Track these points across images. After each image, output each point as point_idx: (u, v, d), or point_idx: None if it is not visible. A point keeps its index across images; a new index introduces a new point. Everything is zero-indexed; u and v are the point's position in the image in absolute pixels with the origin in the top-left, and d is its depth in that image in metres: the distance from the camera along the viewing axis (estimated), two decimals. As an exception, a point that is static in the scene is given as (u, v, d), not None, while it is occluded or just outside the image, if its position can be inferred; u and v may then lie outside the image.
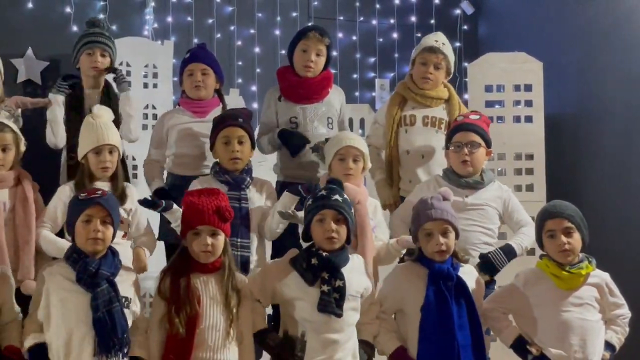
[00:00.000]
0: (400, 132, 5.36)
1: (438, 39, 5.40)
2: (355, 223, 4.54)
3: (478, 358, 4.30)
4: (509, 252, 4.88)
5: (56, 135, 5.35)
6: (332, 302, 4.15)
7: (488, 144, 4.91)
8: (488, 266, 4.66)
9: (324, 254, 4.19)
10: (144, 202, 4.42)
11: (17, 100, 5.26)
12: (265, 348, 4.28)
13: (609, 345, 4.48)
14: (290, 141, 5.22)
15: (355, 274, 4.30)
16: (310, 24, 5.88)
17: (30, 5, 6.18)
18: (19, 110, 5.33)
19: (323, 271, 4.18)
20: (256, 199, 4.83)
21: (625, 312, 4.45)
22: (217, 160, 4.80)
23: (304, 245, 4.60)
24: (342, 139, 4.85)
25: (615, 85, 6.33)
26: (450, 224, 4.33)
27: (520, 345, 4.39)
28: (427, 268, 4.29)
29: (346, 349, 4.26)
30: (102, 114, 4.75)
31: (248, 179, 4.76)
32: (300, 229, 4.60)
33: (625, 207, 6.21)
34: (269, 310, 4.71)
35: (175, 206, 4.42)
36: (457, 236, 4.38)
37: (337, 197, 4.27)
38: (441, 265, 4.29)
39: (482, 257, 4.66)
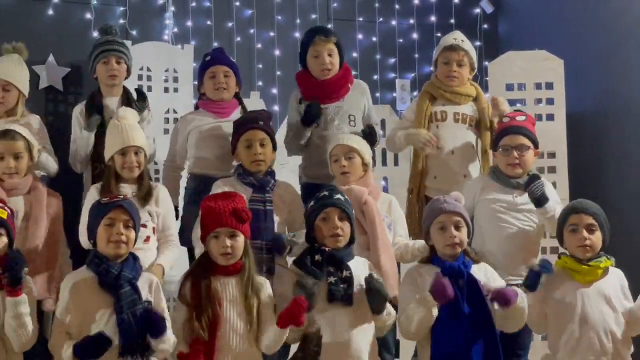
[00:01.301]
0: (432, 127, 5.31)
1: (457, 37, 5.38)
2: (359, 222, 4.61)
3: (491, 355, 4.24)
4: None
5: (81, 162, 5.34)
6: (340, 291, 4.17)
7: (536, 145, 4.91)
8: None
9: (327, 249, 4.23)
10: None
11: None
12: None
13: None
14: (308, 111, 5.20)
15: (361, 267, 4.32)
16: (312, 27, 5.80)
17: (50, 12, 6.16)
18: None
19: (328, 265, 4.21)
20: (279, 201, 4.77)
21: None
22: (239, 162, 4.75)
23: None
24: (332, 140, 4.94)
25: (638, 83, 6.19)
26: (462, 217, 4.29)
27: None
28: (438, 267, 4.24)
29: (360, 341, 4.25)
30: (127, 115, 4.75)
31: (272, 181, 4.74)
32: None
33: None
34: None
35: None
36: (469, 234, 4.35)
37: (339, 196, 4.33)
38: (452, 263, 4.24)
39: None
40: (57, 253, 4.83)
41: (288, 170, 5.71)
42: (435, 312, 4.16)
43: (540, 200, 4.80)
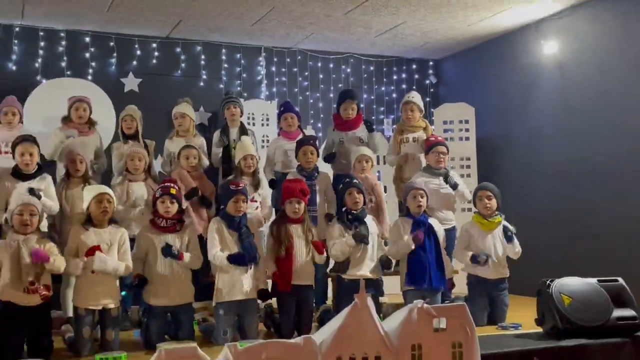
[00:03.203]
0: (402, 147, 5.86)
1: (410, 95, 5.98)
2: (375, 199, 5.22)
3: (439, 271, 4.81)
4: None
5: (218, 163, 5.86)
6: (363, 232, 4.75)
7: (448, 151, 5.60)
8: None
9: (354, 211, 4.84)
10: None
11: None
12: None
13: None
14: (330, 157, 5.76)
15: (371, 222, 4.92)
16: (345, 90, 6.18)
17: (202, 84, 7.17)
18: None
19: (355, 222, 4.82)
20: (320, 184, 5.42)
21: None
22: (300, 163, 5.44)
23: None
24: (356, 151, 5.50)
25: (517, 121, 7.01)
26: (424, 191, 4.95)
27: (473, 258, 4.93)
28: (411, 219, 4.89)
29: (372, 264, 4.86)
30: (246, 139, 5.59)
31: (316, 173, 5.39)
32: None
33: (527, 190, 6.77)
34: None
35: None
36: (427, 200, 4.96)
37: (356, 180, 4.96)
38: (419, 217, 4.87)
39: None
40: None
41: (327, 167, 5.98)
42: (412, 244, 4.76)
43: (455, 186, 5.46)
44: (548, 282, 4.23)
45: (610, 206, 6.00)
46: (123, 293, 4.76)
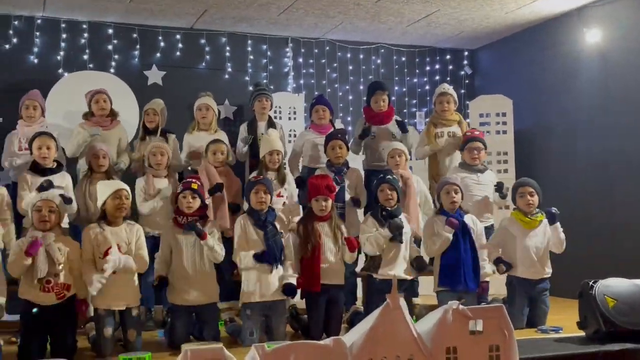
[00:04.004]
0: (436, 140, 5.90)
1: (444, 87, 6.05)
2: (406, 193, 5.20)
3: (475, 271, 4.79)
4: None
5: (242, 157, 5.99)
6: (399, 223, 4.76)
7: (485, 147, 5.64)
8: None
9: (388, 208, 4.86)
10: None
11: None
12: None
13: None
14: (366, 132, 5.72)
15: (404, 220, 4.91)
16: (375, 82, 6.30)
17: (226, 76, 7.22)
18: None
19: (389, 218, 4.81)
20: (350, 179, 5.46)
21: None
22: (329, 158, 5.50)
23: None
24: (388, 146, 5.56)
25: (557, 112, 7.02)
26: (458, 186, 4.91)
27: (497, 260, 4.92)
28: (445, 216, 4.84)
29: (406, 259, 4.87)
30: (272, 132, 5.61)
31: (345, 168, 5.43)
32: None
33: (565, 185, 6.83)
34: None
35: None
36: (462, 196, 4.91)
37: (389, 176, 4.97)
38: (453, 214, 4.81)
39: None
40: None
41: (357, 162, 6.13)
42: (450, 237, 4.70)
43: (505, 196, 5.38)
44: (591, 283, 4.19)
45: (656, 203, 5.98)
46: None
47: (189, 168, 5.86)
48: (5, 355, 4.08)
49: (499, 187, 5.39)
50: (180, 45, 7.14)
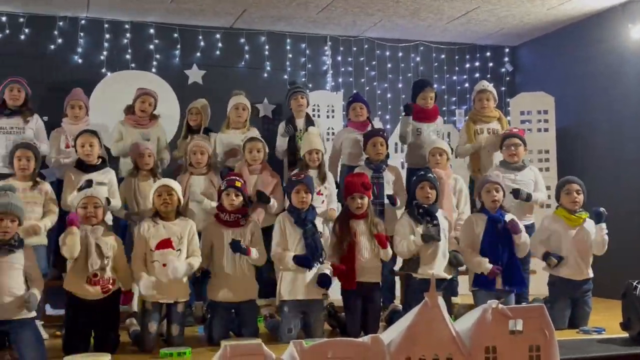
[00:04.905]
0: (476, 137, 5.91)
1: (484, 84, 6.04)
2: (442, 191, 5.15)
3: (511, 271, 4.72)
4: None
5: (281, 155, 6.02)
6: (432, 233, 4.72)
7: (525, 144, 5.58)
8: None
9: (425, 205, 4.83)
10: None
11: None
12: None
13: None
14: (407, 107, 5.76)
15: (442, 218, 4.91)
16: (422, 79, 6.44)
17: (265, 75, 7.29)
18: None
19: (425, 216, 4.83)
20: (389, 177, 5.47)
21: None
22: (368, 156, 5.52)
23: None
24: (432, 143, 5.59)
25: (601, 110, 6.95)
26: (500, 185, 4.90)
27: (546, 255, 4.88)
28: (486, 215, 4.86)
29: (446, 256, 4.85)
30: (313, 131, 5.63)
31: (384, 166, 5.46)
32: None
33: (613, 182, 6.70)
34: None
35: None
36: (504, 195, 4.89)
37: (430, 174, 4.96)
38: (494, 214, 4.82)
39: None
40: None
41: (395, 161, 6.34)
42: (486, 272, 4.59)
43: (528, 198, 5.30)
44: (635, 283, 4.15)
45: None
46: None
47: (226, 165, 5.87)
48: (49, 348, 4.14)
49: (514, 193, 5.27)
50: (220, 44, 7.22)
